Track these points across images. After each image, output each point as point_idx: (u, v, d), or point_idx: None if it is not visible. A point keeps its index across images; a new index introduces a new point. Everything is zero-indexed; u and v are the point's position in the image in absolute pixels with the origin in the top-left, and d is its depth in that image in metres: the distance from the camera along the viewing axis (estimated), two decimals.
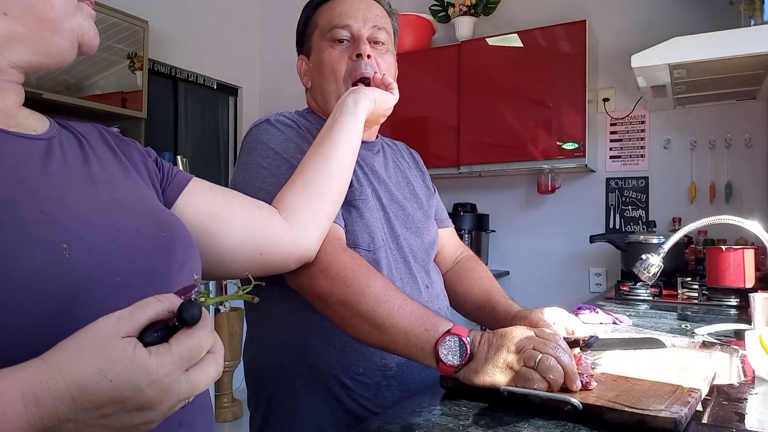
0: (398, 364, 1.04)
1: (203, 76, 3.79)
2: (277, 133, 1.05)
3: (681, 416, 0.67)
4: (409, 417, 0.75)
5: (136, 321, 0.46)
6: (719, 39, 2.02)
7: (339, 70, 1.09)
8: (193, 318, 0.46)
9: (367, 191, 1.08)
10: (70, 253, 0.51)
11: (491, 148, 3.00)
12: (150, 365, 0.43)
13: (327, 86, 1.11)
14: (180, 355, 0.45)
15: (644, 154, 2.99)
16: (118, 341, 0.44)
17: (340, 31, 1.09)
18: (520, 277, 3.27)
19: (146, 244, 0.61)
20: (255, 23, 4.18)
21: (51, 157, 0.61)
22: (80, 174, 0.63)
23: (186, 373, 0.46)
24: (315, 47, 1.13)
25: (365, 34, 1.10)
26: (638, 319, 1.59)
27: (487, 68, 3.00)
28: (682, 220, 2.78)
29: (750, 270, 1.88)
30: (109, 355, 0.43)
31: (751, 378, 0.93)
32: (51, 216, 0.53)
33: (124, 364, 0.43)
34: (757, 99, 2.69)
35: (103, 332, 0.44)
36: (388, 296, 0.88)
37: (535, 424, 0.71)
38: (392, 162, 1.22)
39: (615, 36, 3.01)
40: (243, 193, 1.01)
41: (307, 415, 1.02)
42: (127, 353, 0.43)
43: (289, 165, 0.99)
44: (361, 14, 1.10)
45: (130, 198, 0.66)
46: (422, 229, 1.18)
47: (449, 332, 0.83)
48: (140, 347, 0.44)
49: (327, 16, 1.11)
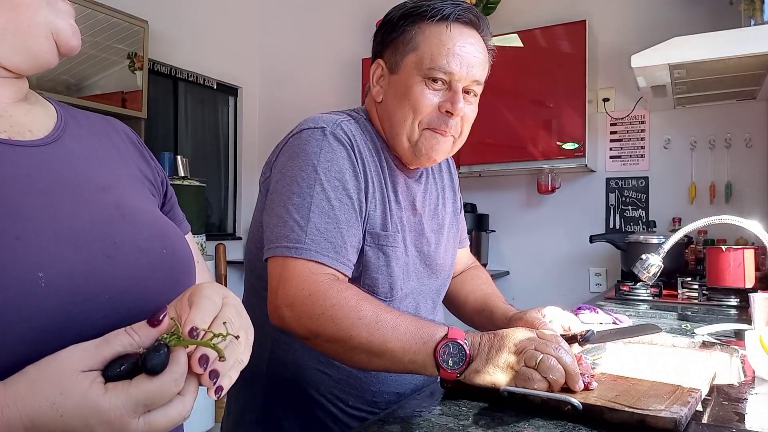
0: (387, 403, 1.03)
1: (203, 76, 3.79)
2: (327, 149, 0.96)
3: (681, 416, 0.67)
4: (409, 417, 0.75)
5: (100, 354, 0.44)
6: (719, 39, 2.02)
7: (423, 112, 0.99)
8: (154, 369, 0.44)
9: (398, 238, 1.02)
10: (47, 280, 0.49)
11: (491, 148, 3.00)
12: (101, 404, 0.42)
13: (402, 120, 1.01)
14: (136, 399, 0.43)
15: (644, 154, 2.99)
16: (76, 375, 0.43)
17: (440, 74, 0.98)
18: (520, 277, 3.27)
19: (144, 259, 0.58)
20: (255, 23, 4.18)
21: (45, 166, 0.57)
22: (82, 180, 0.60)
23: (145, 414, 0.44)
24: (404, 70, 1.01)
25: (463, 85, 1.00)
26: (638, 319, 1.59)
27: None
28: (682, 220, 2.78)
29: (750, 270, 1.88)
30: (63, 388, 0.42)
31: (751, 378, 0.93)
32: (29, 243, 0.50)
33: (76, 399, 0.42)
34: (757, 99, 2.69)
35: (65, 363, 0.44)
36: (379, 322, 0.86)
37: (535, 424, 0.71)
38: (433, 185, 1.17)
39: (615, 36, 3.01)
40: (270, 198, 0.97)
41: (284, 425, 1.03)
42: (81, 388, 0.42)
43: (321, 190, 0.93)
44: (467, 61, 0.98)
45: (136, 206, 0.63)
46: (440, 268, 1.14)
47: (446, 338, 0.83)
48: (97, 384, 0.43)
49: (432, 48, 0.98)
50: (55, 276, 0.50)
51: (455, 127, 1.01)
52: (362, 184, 0.98)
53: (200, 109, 3.89)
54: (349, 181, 0.96)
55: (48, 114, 0.64)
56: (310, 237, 0.91)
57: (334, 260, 0.92)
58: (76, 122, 0.66)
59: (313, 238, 0.91)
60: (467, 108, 1.02)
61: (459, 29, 0.99)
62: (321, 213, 0.92)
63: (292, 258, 0.90)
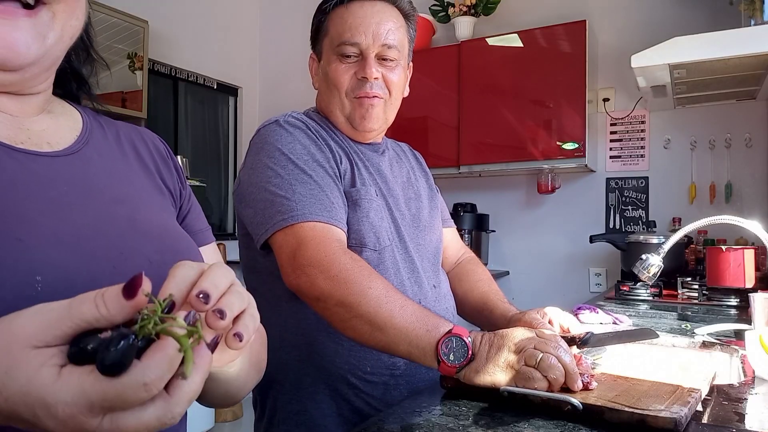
0: (406, 363, 1.04)
1: (203, 76, 3.79)
2: (285, 135, 1.04)
3: (681, 416, 0.67)
4: (409, 417, 0.75)
5: (60, 328, 0.36)
6: (719, 39, 2.02)
7: (342, 85, 1.08)
8: (106, 369, 0.34)
9: (372, 191, 1.08)
10: (44, 285, 0.46)
11: (491, 148, 3.00)
12: (47, 398, 0.35)
13: (331, 98, 1.11)
14: (89, 399, 0.35)
15: (644, 154, 2.99)
16: (27, 351, 0.36)
17: (348, 47, 1.07)
18: (520, 277, 3.27)
19: (152, 272, 0.55)
20: (255, 23, 4.18)
21: (59, 176, 0.57)
22: (96, 192, 0.59)
23: (110, 415, 0.36)
24: (324, 55, 1.12)
25: (374, 52, 1.07)
26: (638, 319, 1.59)
27: (487, 68, 3.00)
28: (682, 220, 2.78)
29: (750, 270, 1.88)
30: (9, 366, 0.36)
31: (751, 378, 0.93)
32: (29, 245, 0.48)
33: (20, 383, 0.35)
34: (757, 99, 2.69)
35: (18, 333, 0.36)
36: (389, 297, 0.88)
37: (535, 424, 0.71)
38: (397, 163, 1.23)
39: (615, 36, 3.01)
40: (247, 192, 1.02)
41: (314, 414, 1.02)
42: (28, 371, 0.35)
43: (294, 166, 1.00)
44: (371, 30, 1.06)
45: (150, 219, 0.62)
46: (428, 228, 1.18)
47: (450, 332, 0.83)
48: (47, 368, 0.35)
49: (338, 28, 1.08)
50: (53, 281, 0.47)
51: (379, 89, 1.08)
52: (328, 153, 1.06)
53: (200, 109, 3.89)
54: (316, 153, 1.03)
55: (72, 126, 0.64)
56: (301, 203, 0.96)
57: (329, 218, 0.97)
58: (103, 133, 0.67)
59: (303, 203, 0.96)
60: (386, 72, 1.09)
61: (359, 4, 1.08)
62: (302, 183, 0.98)
63: (293, 225, 0.94)
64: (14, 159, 0.55)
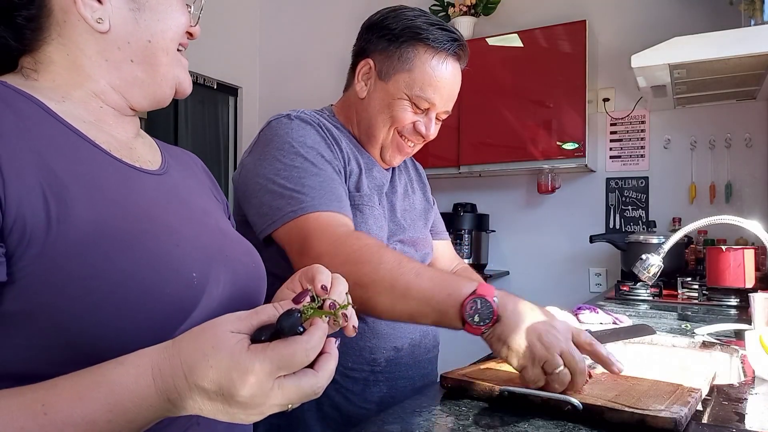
0: (387, 360, 1.05)
1: (203, 76, 3.79)
2: (297, 129, 1.04)
3: (681, 416, 0.67)
4: (409, 417, 0.75)
5: (249, 321, 0.51)
6: (719, 39, 2.02)
7: (402, 124, 1.10)
8: (284, 329, 0.49)
9: (375, 199, 1.10)
10: (198, 280, 0.60)
11: (491, 148, 3.00)
12: (242, 360, 0.47)
13: (380, 124, 1.11)
14: (270, 359, 0.47)
15: (644, 154, 2.99)
16: (227, 334, 0.49)
17: (424, 102, 1.09)
18: (520, 277, 3.27)
19: (243, 270, 0.68)
20: (255, 23, 4.18)
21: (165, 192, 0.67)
22: (192, 204, 0.70)
23: (279, 379, 0.48)
24: (394, 84, 1.09)
25: (439, 112, 1.12)
26: (638, 319, 1.59)
27: (487, 68, 3.00)
28: (682, 220, 2.78)
29: (750, 270, 1.88)
30: (215, 343, 0.48)
31: (751, 378, 0.93)
32: (184, 250, 0.61)
33: (223, 353, 0.48)
34: (757, 99, 2.69)
35: (221, 324, 0.50)
36: (402, 267, 0.88)
37: (535, 424, 0.71)
38: (398, 175, 1.24)
39: (615, 36, 3.01)
40: (252, 182, 1.02)
41: (292, 410, 1.03)
42: (229, 345, 0.48)
43: (304, 159, 1.00)
44: (446, 94, 1.10)
45: (227, 227, 0.75)
46: (417, 241, 1.20)
47: (474, 293, 0.82)
48: (241, 343, 0.48)
49: (424, 77, 1.07)
50: (200, 276, 0.61)
51: (419, 144, 1.16)
52: (337, 152, 1.07)
53: (200, 108, 3.89)
54: (324, 151, 1.04)
55: (154, 148, 0.74)
56: (310, 195, 0.96)
57: (339, 208, 0.97)
58: (169, 155, 0.75)
59: (313, 195, 0.96)
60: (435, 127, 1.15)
61: (451, 64, 1.10)
62: (311, 175, 0.99)
63: (299, 218, 0.94)
64: (141, 178, 0.64)
